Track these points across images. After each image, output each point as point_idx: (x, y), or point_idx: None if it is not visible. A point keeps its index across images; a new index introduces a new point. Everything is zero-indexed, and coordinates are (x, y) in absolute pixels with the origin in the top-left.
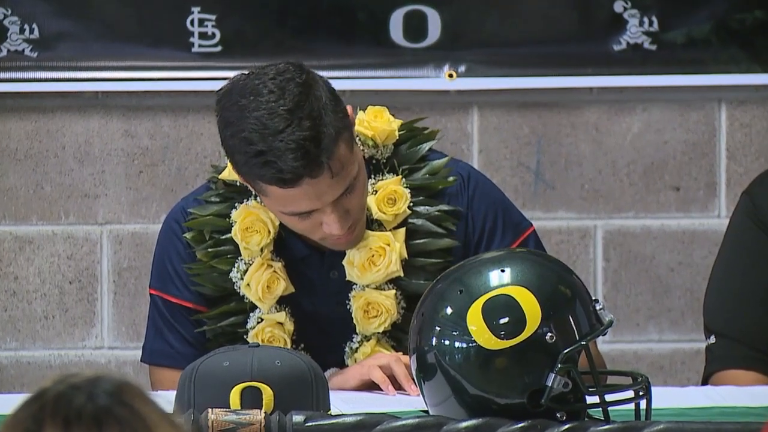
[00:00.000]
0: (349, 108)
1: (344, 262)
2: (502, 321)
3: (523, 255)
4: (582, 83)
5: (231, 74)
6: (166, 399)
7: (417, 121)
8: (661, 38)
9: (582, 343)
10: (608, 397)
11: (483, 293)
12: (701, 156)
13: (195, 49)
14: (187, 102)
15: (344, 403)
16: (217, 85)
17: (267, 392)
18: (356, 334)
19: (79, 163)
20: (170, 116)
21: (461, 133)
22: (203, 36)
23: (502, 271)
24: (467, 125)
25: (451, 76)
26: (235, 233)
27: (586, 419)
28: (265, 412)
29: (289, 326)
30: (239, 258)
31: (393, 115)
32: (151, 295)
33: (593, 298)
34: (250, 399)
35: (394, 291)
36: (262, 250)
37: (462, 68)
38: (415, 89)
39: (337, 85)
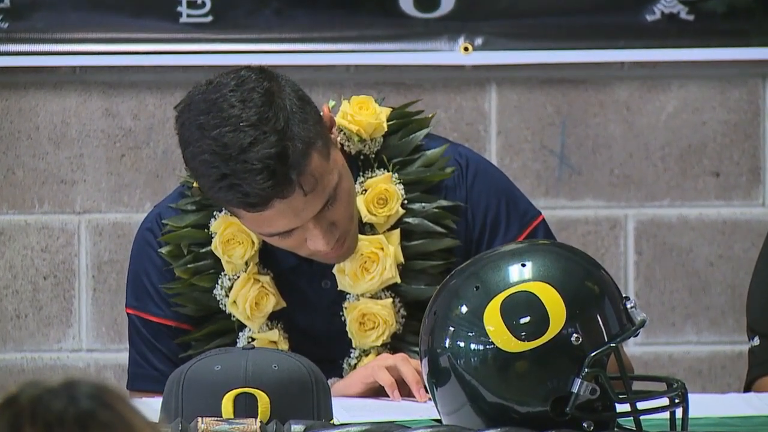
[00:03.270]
0: (325, 108)
1: (335, 271)
2: (523, 321)
3: (546, 247)
4: (612, 57)
5: (222, 47)
6: (150, 406)
7: (409, 105)
8: (699, 7)
9: (611, 345)
10: (640, 405)
11: (502, 290)
12: (743, 138)
13: (183, 19)
14: (174, 78)
15: (347, 411)
16: (207, 60)
17: (263, 399)
18: (354, 348)
19: (55, 146)
20: (155, 94)
21: (478, 112)
22: (192, 5)
23: (523, 265)
24: (484, 104)
25: (466, 49)
26: (216, 246)
27: (615, 429)
28: (260, 421)
29: (283, 345)
30: (222, 273)
31: (379, 103)
32: (128, 314)
33: (624, 295)
34: (244, 406)
35: (390, 299)
36: (246, 263)
37: (479, 41)
38: (427, 64)
39: (341, 59)
